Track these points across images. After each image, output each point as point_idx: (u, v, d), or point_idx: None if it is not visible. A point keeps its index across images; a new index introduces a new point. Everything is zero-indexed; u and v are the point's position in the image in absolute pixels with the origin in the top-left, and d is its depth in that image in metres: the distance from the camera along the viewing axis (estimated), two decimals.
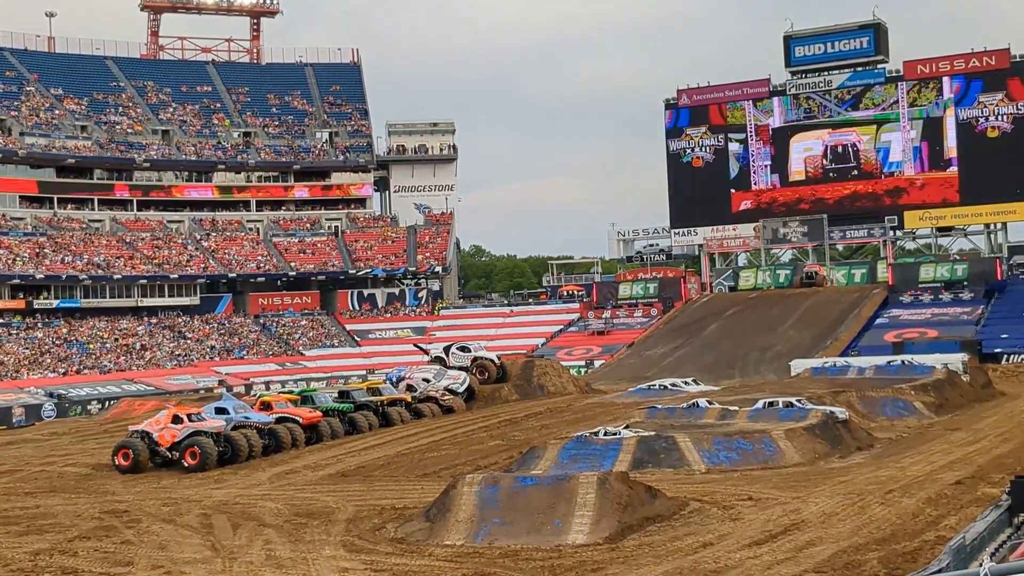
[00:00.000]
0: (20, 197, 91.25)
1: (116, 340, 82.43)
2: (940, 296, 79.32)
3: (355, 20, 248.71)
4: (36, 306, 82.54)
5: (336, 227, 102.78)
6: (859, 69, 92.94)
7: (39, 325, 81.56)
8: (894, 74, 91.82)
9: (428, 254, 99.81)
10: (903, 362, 53.85)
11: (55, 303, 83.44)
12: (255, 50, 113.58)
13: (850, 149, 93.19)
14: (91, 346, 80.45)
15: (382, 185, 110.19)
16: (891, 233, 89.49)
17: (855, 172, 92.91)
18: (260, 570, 20.58)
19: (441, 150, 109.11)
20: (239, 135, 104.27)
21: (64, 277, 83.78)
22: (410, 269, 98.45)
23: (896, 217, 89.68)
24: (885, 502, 24.12)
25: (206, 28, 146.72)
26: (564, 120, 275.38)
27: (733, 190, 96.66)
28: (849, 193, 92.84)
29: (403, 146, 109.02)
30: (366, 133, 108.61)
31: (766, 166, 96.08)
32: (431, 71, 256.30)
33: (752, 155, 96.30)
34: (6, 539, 24.44)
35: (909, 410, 42.20)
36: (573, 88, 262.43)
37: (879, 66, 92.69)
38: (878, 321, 76.58)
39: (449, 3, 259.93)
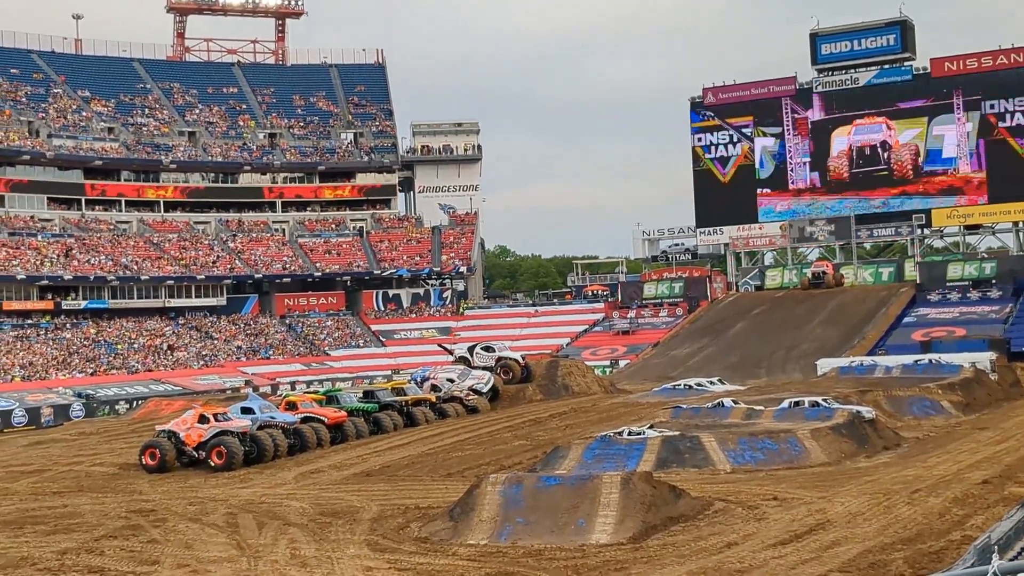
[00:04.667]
0: (48, 199, 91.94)
1: (144, 340, 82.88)
2: (968, 295, 78.74)
3: (379, 20, 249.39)
4: (65, 307, 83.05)
5: (361, 228, 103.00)
6: (886, 67, 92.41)
7: (68, 326, 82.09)
8: (921, 71, 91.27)
9: (453, 254, 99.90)
10: (931, 361, 53.56)
11: (83, 304, 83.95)
12: (280, 51, 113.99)
13: (894, 146, 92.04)
14: (119, 346, 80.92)
15: (407, 185, 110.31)
16: (919, 231, 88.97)
17: (900, 170, 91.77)
18: (285, 569, 20.64)
19: (466, 150, 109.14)
20: (264, 136, 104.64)
21: (92, 278, 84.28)
22: (435, 269, 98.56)
23: (924, 215, 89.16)
24: (911, 502, 23.98)
25: (231, 30, 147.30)
26: (589, 119, 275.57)
27: (768, 189, 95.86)
28: (898, 192, 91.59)
29: (428, 146, 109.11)
30: (391, 133, 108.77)
31: (805, 163, 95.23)
32: (455, 71, 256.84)
33: (789, 152, 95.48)
34: (34, 538, 24.61)
35: (936, 409, 41.97)
36: (598, 87, 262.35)
37: (906, 63, 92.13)
38: (905, 320, 76.08)
39: (473, 3, 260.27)
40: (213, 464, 35.10)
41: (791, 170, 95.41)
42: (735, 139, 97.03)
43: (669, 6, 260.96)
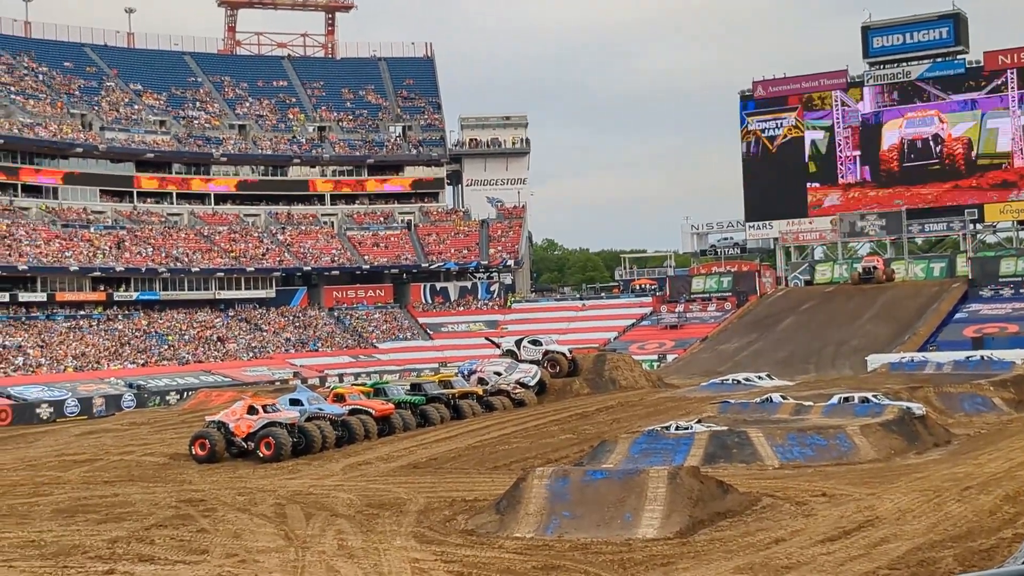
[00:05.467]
0: (101, 191, 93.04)
1: (194, 332, 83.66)
2: (1021, 290, 77.80)
3: (428, 14, 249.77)
4: (116, 298, 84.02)
5: (409, 221, 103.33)
6: (938, 60, 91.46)
7: (119, 317, 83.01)
8: (974, 65, 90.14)
9: (500, 248, 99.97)
10: (982, 357, 53.01)
11: (135, 295, 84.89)
12: (330, 44, 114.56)
13: (946, 139, 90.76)
14: (170, 338, 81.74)
15: (455, 179, 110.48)
16: (971, 226, 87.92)
17: (952, 164, 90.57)
18: (332, 560, 20.72)
19: (514, 143, 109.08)
20: (314, 129, 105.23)
21: (144, 270, 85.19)
22: (482, 263, 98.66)
23: (976, 210, 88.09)
24: (962, 499, 23.68)
25: (282, 23, 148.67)
26: (637, 112, 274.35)
27: (818, 183, 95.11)
28: (950, 186, 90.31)
29: (476, 139, 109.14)
30: (439, 127, 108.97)
31: (855, 157, 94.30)
32: (503, 64, 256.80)
33: (839, 145, 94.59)
34: (85, 527, 24.88)
35: (988, 406, 41.47)
36: (647, 80, 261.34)
37: (959, 56, 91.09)
38: (957, 316, 75.29)
39: None
40: (262, 455, 35.30)
41: (841, 164, 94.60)
42: (784, 128, 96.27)
43: None
